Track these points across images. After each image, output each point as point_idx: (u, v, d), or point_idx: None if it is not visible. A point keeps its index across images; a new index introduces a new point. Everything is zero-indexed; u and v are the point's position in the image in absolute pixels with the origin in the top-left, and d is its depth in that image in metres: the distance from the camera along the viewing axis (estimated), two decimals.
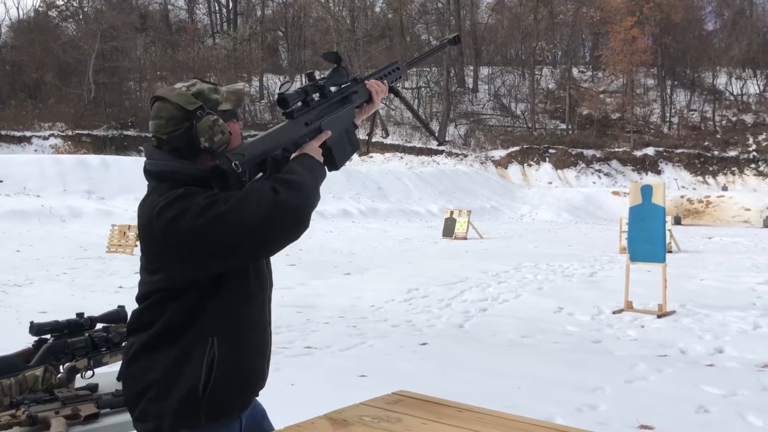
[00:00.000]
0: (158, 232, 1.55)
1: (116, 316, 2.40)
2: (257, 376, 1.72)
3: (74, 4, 43.18)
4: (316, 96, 1.77)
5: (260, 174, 1.68)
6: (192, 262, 1.54)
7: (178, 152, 1.64)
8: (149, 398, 1.60)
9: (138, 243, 14.34)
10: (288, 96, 1.69)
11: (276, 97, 1.72)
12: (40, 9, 43.44)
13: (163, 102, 1.63)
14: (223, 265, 1.57)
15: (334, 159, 1.78)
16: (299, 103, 1.73)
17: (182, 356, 1.58)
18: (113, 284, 9.82)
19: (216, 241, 1.51)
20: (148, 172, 1.66)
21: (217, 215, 1.50)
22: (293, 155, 1.72)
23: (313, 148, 1.72)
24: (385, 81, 1.97)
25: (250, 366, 1.68)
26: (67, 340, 2.23)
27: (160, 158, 1.65)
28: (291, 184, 1.56)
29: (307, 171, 1.64)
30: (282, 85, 1.71)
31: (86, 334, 2.28)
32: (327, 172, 1.75)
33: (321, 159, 1.73)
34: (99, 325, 2.36)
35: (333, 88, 1.83)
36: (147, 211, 1.60)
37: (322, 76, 1.82)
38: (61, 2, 43.13)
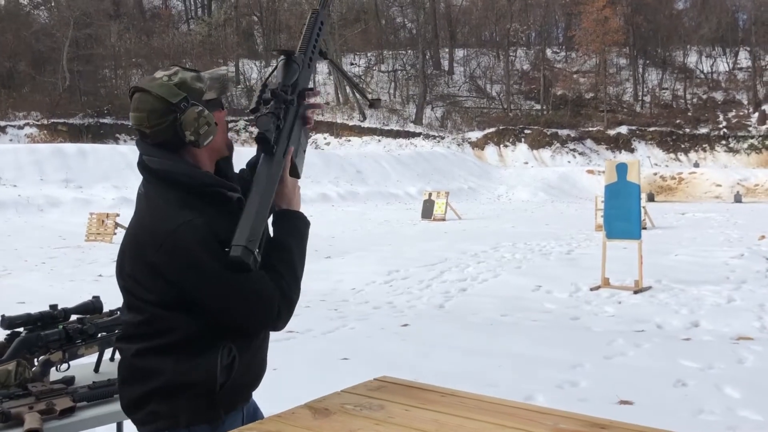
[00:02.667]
0: (169, 250, 1.48)
1: (91, 307, 2.36)
2: (262, 371, 1.74)
3: None
4: (281, 114, 1.65)
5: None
6: (187, 293, 1.51)
7: (163, 146, 1.56)
8: (159, 399, 1.54)
9: (117, 231, 14.19)
10: (268, 134, 1.60)
11: (255, 136, 1.64)
12: None
13: (144, 94, 1.54)
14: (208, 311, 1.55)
15: (297, 169, 1.74)
16: (274, 135, 1.63)
17: (194, 361, 1.53)
18: (93, 273, 9.70)
19: (210, 302, 1.51)
20: (149, 170, 1.57)
21: (233, 282, 1.49)
22: (279, 215, 1.66)
23: (295, 190, 1.70)
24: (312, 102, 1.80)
25: (258, 362, 1.70)
26: (41, 333, 2.18)
27: (159, 155, 1.56)
28: (289, 299, 1.60)
29: (301, 256, 1.66)
30: (257, 118, 1.60)
31: (60, 327, 2.23)
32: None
33: (300, 203, 1.71)
34: (73, 317, 2.31)
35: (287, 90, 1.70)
36: (155, 221, 1.51)
37: (274, 76, 1.70)
38: None
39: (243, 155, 2.02)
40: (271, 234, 1.66)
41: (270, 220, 1.65)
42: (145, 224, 1.54)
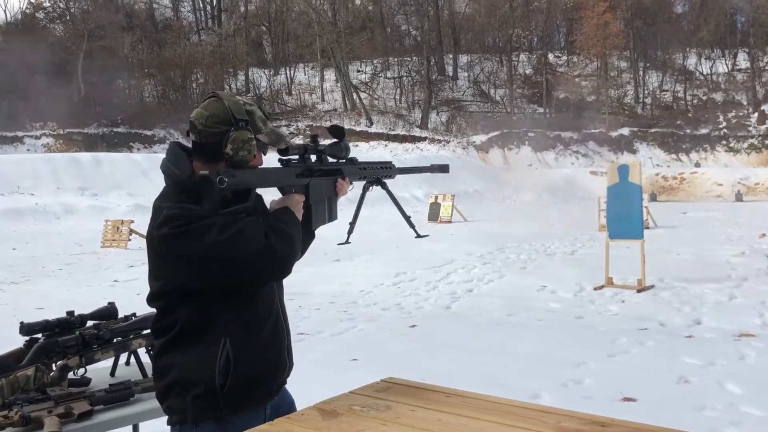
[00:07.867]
0: (157, 243, 1.63)
1: (106, 312, 2.42)
2: (275, 368, 1.78)
3: (61, 5, 42.81)
4: (312, 157, 1.92)
5: (242, 204, 1.73)
6: (187, 276, 1.63)
7: (200, 147, 1.71)
8: (174, 394, 1.69)
9: (132, 238, 14.45)
10: (290, 146, 1.84)
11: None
12: (27, 11, 43.08)
13: (218, 101, 1.71)
14: (216, 284, 1.64)
15: (311, 219, 1.92)
16: (296, 156, 1.88)
17: (197, 358, 1.65)
18: (108, 278, 9.82)
19: (207, 265, 1.60)
20: (161, 168, 1.75)
21: (212, 242, 1.58)
22: (276, 205, 1.83)
23: (296, 202, 1.83)
24: (347, 179, 2.07)
25: (266, 360, 1.74)
26: (58, 339, 2.24)
27: (170, 156, 1.73)
28: (281, 234, 1.69)
29: (294, 224, 1.77)
30: (288, 135, 1.85)
31: (77, 332, 2.29)
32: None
33: (301, 215, 1.83)
34: (90, 323, 2.38)
35: (330, 159, 1.99)
36: (153, 218, 1.67)
37: (323, 143, 1.97)
38: (48, 4, 42.79)
39: None
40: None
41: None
42: (151, 220, 1.68)
